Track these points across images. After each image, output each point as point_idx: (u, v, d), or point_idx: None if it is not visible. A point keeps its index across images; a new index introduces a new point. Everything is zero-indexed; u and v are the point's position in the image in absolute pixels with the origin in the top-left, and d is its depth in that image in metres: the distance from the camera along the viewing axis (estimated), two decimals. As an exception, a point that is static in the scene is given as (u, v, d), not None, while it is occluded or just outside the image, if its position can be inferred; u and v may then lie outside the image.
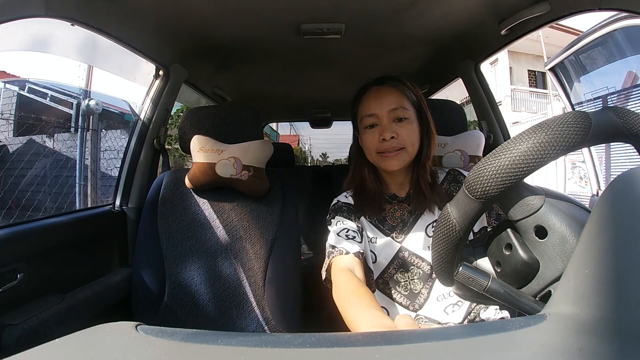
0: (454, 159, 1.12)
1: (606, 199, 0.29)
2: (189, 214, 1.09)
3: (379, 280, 0.80)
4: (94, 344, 0.27)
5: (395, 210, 0.82)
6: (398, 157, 0.77)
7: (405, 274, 0.78)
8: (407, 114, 0.78)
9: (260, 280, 1.04)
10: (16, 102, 3.95)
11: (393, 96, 0.79)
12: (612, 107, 0.35)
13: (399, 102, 0.78)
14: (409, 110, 0.78)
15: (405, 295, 0.78)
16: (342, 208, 0.83)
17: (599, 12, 0.80)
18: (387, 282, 0.79)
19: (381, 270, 0.79)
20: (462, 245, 0.39)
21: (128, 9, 0.95)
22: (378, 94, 0.80)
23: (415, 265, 0.78)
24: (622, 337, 0.22)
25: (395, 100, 0.78)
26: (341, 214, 0.81)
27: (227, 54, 1.41)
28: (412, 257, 0.78)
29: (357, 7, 1.05)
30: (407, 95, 0.80)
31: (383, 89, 0.80)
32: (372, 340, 0.27)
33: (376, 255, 0.80)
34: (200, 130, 1.12)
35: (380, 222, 0.82)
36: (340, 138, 2.69)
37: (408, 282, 0.78)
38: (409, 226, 0.80)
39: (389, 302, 0.79)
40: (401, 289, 0.78)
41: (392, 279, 0.79)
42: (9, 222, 0.89)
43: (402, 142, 0.77)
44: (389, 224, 0.81)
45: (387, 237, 0.80)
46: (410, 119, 0.78)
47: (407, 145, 0.77)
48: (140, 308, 1.04)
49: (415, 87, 0.82)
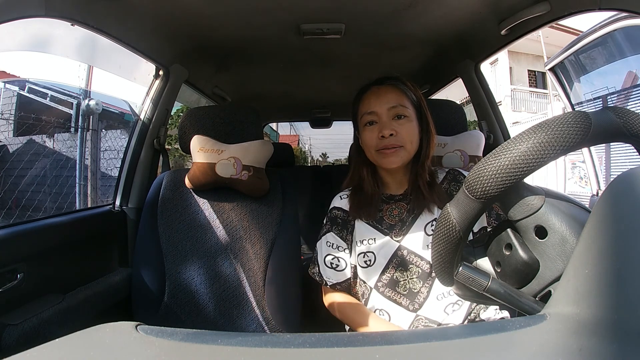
0: (454, 159, 1.12)
1: (606, 199, 0.29)
2: (189, 214, 1.09)
3: (378, 282, 0.80)
4: (94, 344, 0.27)
5: (393, 209, 0.83)
6: (397, 155, 0.78)
7: (404, 272, 0.78)
8: (407, 112, 0.79)
9: (260, 280, 1.04)
10: (16, 102, 3.95)
11: (393, 94, 0.80)
12: (612, 107, 0.35)
13: (398, 100, 0.79)
14: (408, 109, 0.79)
15: (404, 294, 0.78)
16: (336, 220, 0.87)
17: (599, 12, 0.80)
18: (386, 283, 0.79)
19: (380, 270, 0.80)
20: (462, 245, 0.39)
21: (128, 9, 0.95)
22: (378, 92, 0.81)
23: (414, 264, 0.78)
24: (622, 337, 0.22)
25: (395, 98, 0.79)
26: (335, 228, 0.86)
27: (227, 54, 1.41)
28: (411, 256, 0.78)
29: (357, 7, 1.05)
30: (407, 94, 0.81)
31: (383, 88, 0.82)
32: (372, 340, 0.27)
33: (375, 255, 0.80)
34: (201, 130, 1.12)
35: (378, 222, 0.82)
36: (340, 138, 2.69)
37: (407, 281, 0.78)
38: (408, 225, 0.80)
39: (388, 303, 0.79)
40: (400, 288, 0.78)
41: (392, 278, 0.79)
42: (9, 222, 0.89)
43: (401, 139, 0.78)
44: (387, 222, 0.82)
45: (385, 237, 0.80)
46: (410, 117, 0.79)
47: (406, 143, 0.78)
48: (140, 308, 1.04)
49: (415, 87, 0.83)
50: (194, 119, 1.14)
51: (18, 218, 2.28)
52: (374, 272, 0.80)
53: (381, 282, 0.79)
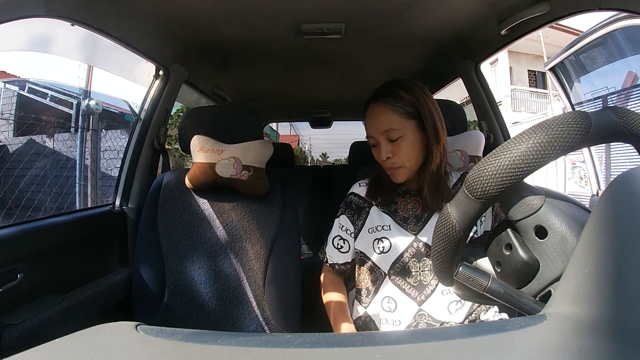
0: (454, 159, 1.12)
1: (606, 199, 0.29)
2: (189, 214, 1.09)
3: (391, 269, 0.81)
4: (94, 344, 0.27)
5: (407, 203, 0.85)
6: (399, 173, 0.81)
7: (417, 264, 0.80)
8: (399, 133, 0.78)
9: (260, 280, 1.04)
10: (16, 102, 3.95)
11: (384, 116, 0.79)
12: (612, 107, 0.35)
13: (389, 123, 0.78)
14: (399, 129, 0.78)
15: (414, 286, 0.79)
16: (351, 205, 0.90)
17: (599, 12, 0.80)
18: (398, 271, 0.80)
19: (394, 258, 0.81)
20: (462, 245, 0.39)
21: (128, 9, 0.95)
22: (372, 114, 0.82)
23: (427, 257, 0.79)
24: (622, 337, 0.22)
25: (385, 120, 0.79)
26: (349, 212, 0.89)
27: (227, 54, 1.41)
28: (425, 249, 0.80)
29: (357, 7, 1.05)
30: (398, 112, 0.78)
31: (376, 108, 0.81)
32: (372, 340, 0.28)
33: (390, 242, 0.82)
34: (201, 130, 1.12)
35: (392, 214, 0.84)
36: (340, 138, 2.69)
37: (419, 272, 0.80)
38: (424, 221, 0.82)
39: (398, 292, 0.80)
40: (411, 279, 0.80)
41: (405, 267, 0.80)
42: (9, 222, 0.89)
43: (397, 161, 0.79)
44: (401, 215, 0.84)
45: (400, 227, 0.82)
46: (405, 135, 0.78)
47: (404, 162, 0.79)
48: (140, 308, 1.04)
49: (413, 95, 0.79)
50: (194, 119, 1.14)
51: (18, 218, 2.28)
52: (389, 259, 0.81)
53: (394, 270, 0.81)
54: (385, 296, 0.81)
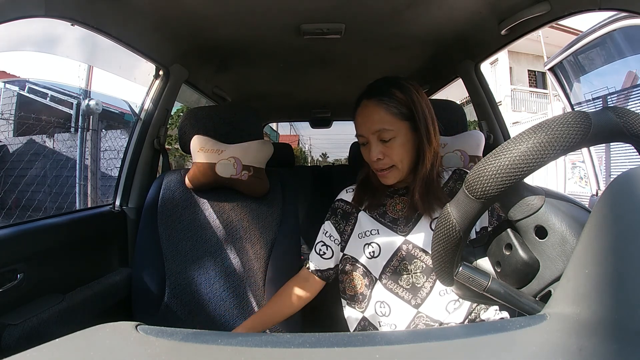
0: (454, 159, 1.12)
1: (606, 199, 0.29)
2: (189, 214, 1.09)
3: (382, 273, 0.80)
4: (94, 344, 0.27)
5: (397, 204, 0.83)
6: (390, 174, 0.79)
7: (408, 266, 0.79)
8: (392, 133, 0.76)
9: (260, 280, 1.04)
10: (16, 102, 3.95)
11: (377, 115, 0.76)
12: (612, 107, 0.35)
13: (381, 122, 0.76)
14: (392, 130, 0.76)
15: (407, 289, 0.78)
16: (337, 211, 0.89)
17: (599, 12, 0.80)
18: (389, 275, 0.80)
19: (385, 262, 0.80)
20: (462, 245, 0.39)
21: (128, 9, 0.95)
22: (364, 112, 0.79)
23: (418, 259, 0.78)
24: (622, 337, 0.22)
25: (378, 120, 0.76)
26: (334, 218, 0.89)
27: (227, 54, 1.41)
28: (415, 250, 0.79)
29: (357, 7, 1.04)
30: (392, 112, 0.76)
31: (369, 106, 0.78)
32: (372, 340, 0.27)
33: (380, 246, 0.80)
34: (201, 130, 1.12)
35: (381, 216, 0.83)
36: (340, 138, 2.69)
37: (411, 275, 0.78)
38: (414, 221, 0.81)
39: (390, 295, 0.79)
40: (403, 282, 0.78)
41: (395, 271, 0.79)
42: (9, 222, 0.89)
43: (389, 161, 0.77)
44: (390, 216, 0.82)
45: (389, 230, 0.81)
46: (398, 136, 0.76)
47: (397, 163, 0.77)
48: (140, 308, 1.04)
49: (408, 95, 0.77)
50: (194, 119, 1.14)
51: (18, 218, 2.28)
52: (379, 264, 0.80)
53: (385, 274, 0.80)
54: (378, 301, 0.80)
